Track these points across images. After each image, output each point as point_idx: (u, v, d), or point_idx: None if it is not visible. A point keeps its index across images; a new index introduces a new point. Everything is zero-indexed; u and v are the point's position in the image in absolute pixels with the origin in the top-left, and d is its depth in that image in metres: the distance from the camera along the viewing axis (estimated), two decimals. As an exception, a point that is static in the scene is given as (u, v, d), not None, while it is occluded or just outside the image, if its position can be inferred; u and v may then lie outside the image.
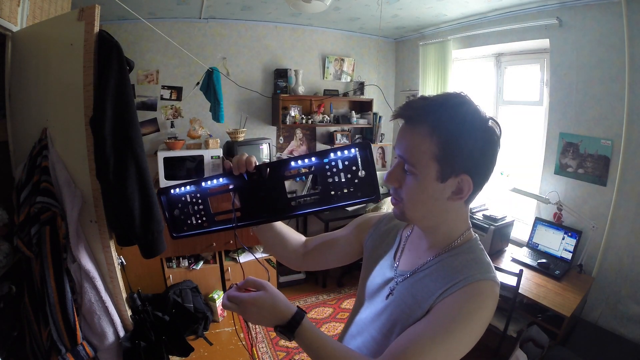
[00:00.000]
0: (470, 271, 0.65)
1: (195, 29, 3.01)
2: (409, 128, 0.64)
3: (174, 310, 2.52)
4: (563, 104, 2.33)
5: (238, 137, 2.93)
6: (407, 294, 0.70)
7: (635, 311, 1.99)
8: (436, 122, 0.62)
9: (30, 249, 1.33)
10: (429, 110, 0.63)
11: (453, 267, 0.67)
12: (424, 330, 0.62)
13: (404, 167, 0.65)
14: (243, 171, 0.76)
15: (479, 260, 0.68)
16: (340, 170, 0.71)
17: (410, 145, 0.64)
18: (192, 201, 0.84)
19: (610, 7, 2.01)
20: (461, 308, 0.61)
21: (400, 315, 0.69)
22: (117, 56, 1.37)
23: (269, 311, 0.62)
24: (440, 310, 0.63)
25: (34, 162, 1.41)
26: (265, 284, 0.64)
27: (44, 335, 1.36)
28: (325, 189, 0.73)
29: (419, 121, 0.63)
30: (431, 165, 0.63)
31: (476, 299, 0.62)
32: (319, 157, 0.72)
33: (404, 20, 3.01)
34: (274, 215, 0.79)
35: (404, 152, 0.64)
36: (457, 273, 0.65)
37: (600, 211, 2.16)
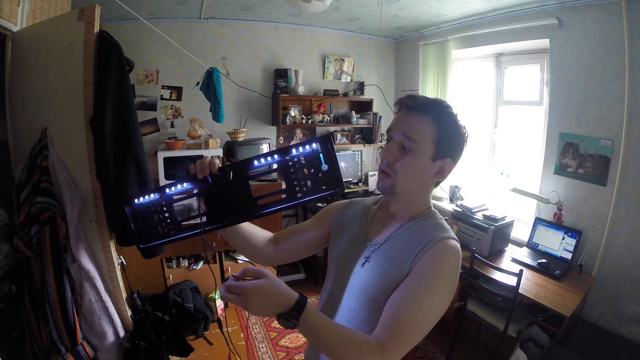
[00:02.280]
0: (436, 233, 0.77)
1: (195, 29, 3.01)
2: (415, 115, 0.77)
3: (174, 310, 2.52)
4: (563, 104, 2.33)
5: (238, 137, 2.93)
6: (384, 260, 0.79)
7: (635, 311, 1.99)
8: (437, 114, 0.76)
9: (30, 249, 1.33)
10: (433, 105, 0.77)
11: (421, 230, 0.79)
12: (409, 292, 0.71)
13: (402, 146, 0.77)
14: (207, 174, 0.76)
15: (441, 224, 0.81)
16: (303, 165, 0.72)
17: (415, 127, 0.76)
18: (156, 210, 0.81)
19: (610, 7, 2.01)
20: (435, 264, 0.72)
21: (379, 279, 0.77)
22: (117, 56, 1.37)
23: (272, 298, 0.60)
24: (418, 271, 0.73)
25: (34, 162, 1.41)
26: (265, 272, 0.63)
27: (44, 335, 1.36)
28: (290, 185, 0.73)
29: (424, 111, 0.76)
30: (429, 146, 0.76)
31: (446, 253, 0.74)
32: (281, 154, 0.72)
33: (404, 20, 3.01)
34: (241, 216, 0.78)
35: (408, 131, 0.76)
36: (426, 235, 0.77)
37: (600, 211, 2.16)
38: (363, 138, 3.74)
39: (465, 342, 2.53)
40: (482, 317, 2.20)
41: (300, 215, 3.61)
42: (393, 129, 0.79)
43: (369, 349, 0.65)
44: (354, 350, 0.64)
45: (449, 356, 2.37)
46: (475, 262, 2.16)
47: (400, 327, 0.67)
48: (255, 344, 2.58)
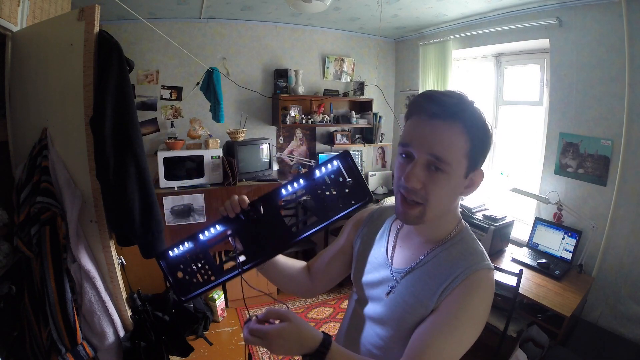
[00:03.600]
0: (467, 262, 0.68)
1: (195, 29, 3.01)
2: (442, 125, 0.62)
3: (174, 310, 2.51)
4: (563, 104, 2.33)
5: (238, 137, 2.93)
6: (408, 294, 0.71)
7: (635, 311, 1.99)
8: (469, 120, 0.63)
9: (30, 249, 1.33)
10: (462, 108, 0.64)
11: (449, 260, 0.69)
12: (435, 329, 0.65)
13: (428, 166, 0.64)
14: (238, 211, 0.73)
15: (472, 250, 0.70)
16: (329, 184, 0.72)
17: (446, 143, 0.62)
18: (193, 259, 0.79)
19: (610, 7, 2.01)
20: (465, 301, 0.65)
21: (403, 314, 0.71)
22: (117, 56, 1.37)
23: (295, 342, 0.59)
24: (446, 308, 0.66)
25: (34, 162, 1.41)
26: (288, 314, 0.61)
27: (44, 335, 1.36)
28: (320, 206, 0.73)
29: (453, 119, 0.63)
30: (463, 162, 0.64)
31: (477, 290, 0.65)
32: (306, 178, 0.72)
33: (404, 20, 3.01)
34: (277, 247, 0.76)
35: (438, 151, 0.62)
36: (454, 267, 0.68)
37: (600, 211, 2.15)
38: (363, 138, 3.74)
39: (465, 342, 2.52)
40: (482, 317, 2.19)
41: (300, 215, 3.61)
42: (413, 144, 0.64)
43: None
44: None
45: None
46: (475, 262, 2.15)
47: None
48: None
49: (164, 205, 2.59)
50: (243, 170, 2.88)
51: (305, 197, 0.76)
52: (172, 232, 2.67)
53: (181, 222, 2.69)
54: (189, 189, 2.68)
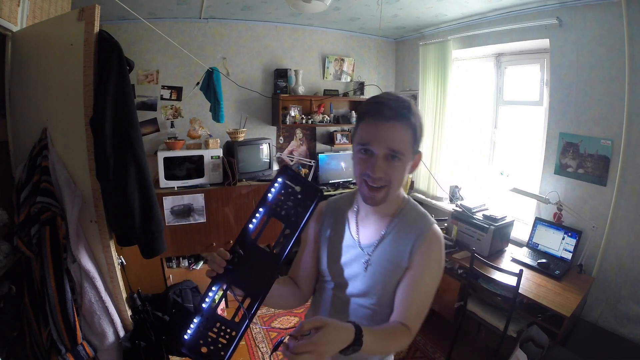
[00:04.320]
0: (421, 224, 0.88)
1: (195, 29, 3.01)
2: (397, 125, 0.78)
3: (174, 310, 2.51)
4: (563, 104, 2.33)
5: (238, 137, 2.93)
6: (385, 260, 0.88)
7: (635, 311, 1.99)
8: (413, 119, 0.80)
9: (30, 249, 1.33)
10: (407, 109, 0.79)
11: (407, 226, 0.88)
12: (416, 282, 0.85)
13: (386, 158, 0.79)
14: (224, 265, 0.77)
15: (422, 214, 0.91)
16: (284, 199, 0.78)
17: (399, 139, 0.79)
18: (207, 328, 0.80)
19: (610, 7, 2.01)
20: (431, 254, 0.86)
21: (384, 278, 0.87)
22: (117, 56, 1.37)
23: (339, 340, 0.65)
24: (418, 263, 0.85)
25: (34, 162, 1.41)
26: (321, 320, 0.65)
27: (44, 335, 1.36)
28: (287, 220, 0.79)
29: (403, 119, 0.79)
30: (410, 150, 0.81)
31: (436, 243, 0.87)
32: (263, 205, 0.78)
33: (404, 20, 3.01)
34: (272, 274, 0.79)
35: (394, 146, 0.78)
36: (413, 230, 0.87)
37: (600, 211, 2.15)
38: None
39: (465, 342, 2.52)
40: (482, 317, 2.20)
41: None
42: (373, 143, 0.78)
43: (402, 335, 0.80)
44: (396, 343, 0.80)
45: (449, 356, 2.37)
46: (475, 262, 2.16)
47: (417, 310, 0.84)
48: (255, 344, 2.58)
49: (164, 205, 2.59)
50: (243, 170, 2.88)
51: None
52: (172, 232, 2.67)
53: (181, 222, 2.69)
54: (189, 189, 2.68)
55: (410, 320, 0.82)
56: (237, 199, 2.82)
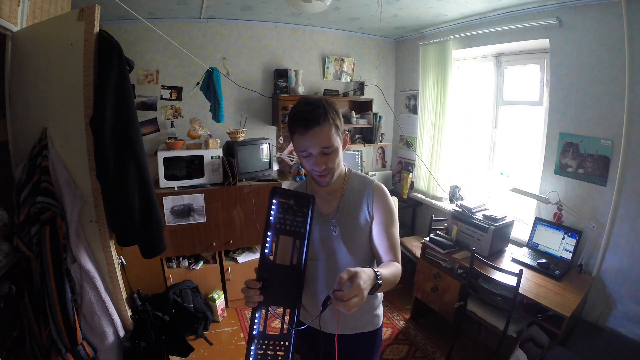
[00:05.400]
0: (366, 184, 1.14)
1: (195, 29, 3.01)
2: (318, 128, 0.97)
3: (174, 310, 2.52)
4: (563, 104, 2.33)
5: (238, 137, 2.93)
6: (349, 219, 1.11)
7: (635, 311, 1.99)
8: (328, 114, 0.99)
9: (30, 249, 1.33)
10: (324, 111, 0.98)
11: (356, 190, 1.13)
12: (388, 227, 1.10)
13: (322, 154, 1.00)
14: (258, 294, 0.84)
15: (363, 177, 1.18)
16: (283, 216, 0.86)
17: (325, 136, 0.98)
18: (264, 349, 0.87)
19: (610, 7, 2.01)
20: (385, 202, 1.12)
21: (355, 232, 1.11)
22: (117, 56, 1.37)
23: (370, 280, 0.81)
24: (380, 213, 1.11)
25: (34, 162, 1.40)
26: (350, 270, 0.79)
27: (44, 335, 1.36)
28: (293, 232, 0.87)
29: (323, 120, 0.97)
30: (336, 138, 1.01)
31: (384, 192, 1.14)
32: (269, 227, 0.86)
33: (404, 20, 3.01)
34: (299, 284, 0.87)
35: (324, 144, 0.99)
36: (362, 190, 1.13)
37: (600, 211, 2.15)
38: (363, 138, 3.74)
39: (465, 342, 2.53)
40: (482, 317, 2.20)
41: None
42: (308, 148, 0.99)
43: (397, 268, 1.01)
44: (396, 275, 0.99)
45: (449, 356, 2.37)
46: (475, 262, 2.16)
47: (395, 246, 1.09)
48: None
49: (164, 205, 2.59)
50: (243, 170, 2.88)
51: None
52: (172, 232, 2.67)
53: (181, 222, 2.69)
54: (189, 189, 2.68)
55: (394, 255, 1.07)
56: (237, 199, 2.82)
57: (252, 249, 3.09)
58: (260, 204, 2.89)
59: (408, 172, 3.68)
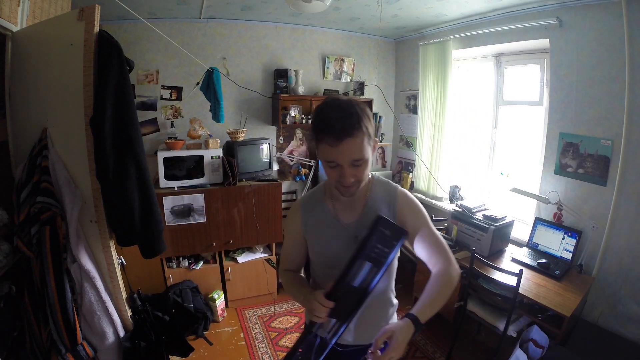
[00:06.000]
0: (389, 190, 1.05)
1: (195, 29, 3.01)
2: (350, 140, 0.85)
3: (174, 310, 2.52)
4: (563, 104, 2.33)
5: (238, 137, 2.93)
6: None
7: (635, 311, 1.99)
8: (362, 123, 0.86)
9: (30, 249, 1.33)
10: (357, 119, 0.86)
11: (380, 197, 1.04)
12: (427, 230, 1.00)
13: (351, 166, 0.89)
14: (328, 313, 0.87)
15: (385, 182, 1.08)
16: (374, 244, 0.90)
17: (357, 147, 0.87)
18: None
19: (610, 7, 2.00)
20: (412, 205, 1.04)
21: None
22: (117, 56, 1.37)
23: (408, 335, 0.80)
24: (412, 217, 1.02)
25: (34, 162, 1.41)
26: (387, 330, 0.80)
27: (44, 335, 1.36)
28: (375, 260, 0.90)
29: (359, 131, 0.86)
30: (368, 147, 0.90)
31: (406, 198, 1.05)
32: (362, 252, 0.89)
33: (404, 20, 3.01)
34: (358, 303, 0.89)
35: (355, 156, 0.87)
36: (386, 197, 1.04)
37: (600, 211, 2.15)
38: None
39: (465, 342, 2.53)
40: (482, 317, 2.20)
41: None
42: (338, 160, 0.87)
43: (446, 280, 0.92)
44: (445, 291, 0.90)
45: (449, 356, 2.37)
46: (475, 262, 2.16)
47: (440, 246, 0.98)
48: (255, 344, 2.58)
49: (164, 205, 2.59)
50: (243, 170, 2.88)
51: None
52: (172, 232, 2.67)
53: (181, 222, 2.69)
54: (189, 189, 2.68)
55: (441, 257, 0.97)
56: (237, 199, 2.82)
57: (252, 249, 3.09)
58: (261, 204, 2.89)
59: (408, 172, 3.68)
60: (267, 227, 2.96)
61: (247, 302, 3.05)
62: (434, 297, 0.90)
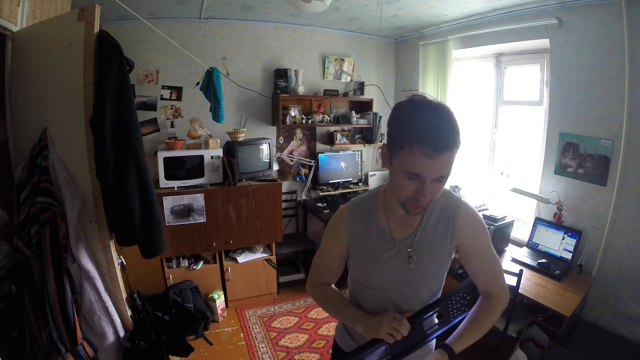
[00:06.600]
0: (449, 204, 0.93)
1: (195, 29, 3.00)
2: (448, 154, 0.74)
3: (174, 310, 2.52)
4: (563, 104, 2.33)
5: (238, 137, 2.93)
6: (427, 248, 0.92)
7: (635, 311, 1.99)
8: (459, 137, 0.75)
9: (30, 249, 1.33)
10: (457, 133, 0.75)
11: (438, 212, 0.93)
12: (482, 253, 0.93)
13: (435, 181, 0.77)
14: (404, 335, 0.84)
15: (447, 194, 0.94)
16: (459, 305, 0.95)
17: (450, 163, 0.76)
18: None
19: (610, 7, 2.01)
20: (473, 226, 0.92)
21: (432, 264, 0.93)
22: (117, 56, 1.37)
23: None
24: (471, 236, 0.92)
25: (34, 162, 1.41)
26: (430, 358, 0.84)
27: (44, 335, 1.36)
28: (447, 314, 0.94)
29: (455, 144, 0.75)
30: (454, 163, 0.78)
31: (473, 213, 0.93)
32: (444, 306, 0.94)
33: (404, 20, 3.01)
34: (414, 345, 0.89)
35: (444, 172, 0.76)
36: (446, 214, 0.92)
37: (600, 211, 2.15)
38: (363, 138, 3.74)
39: (465, 342, 2.52)
40: (482, 317, 2.19)
41: (300, 215, 3.61)
42: (424, 173, 0.75)
43: (490, 308, 0.93)
44: (488, 320, 0.92)
45: None
46: (475, 262, 2.16)
47: (495, 274, 0.95)
48: (255, 344, 2.58)
49: (164, 205, 2.59)
50: (243, 170, 2.88)
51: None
52: (172, 232, 2.67)
53: (181, 222, 2.69)
54: (189, 189, 2.68)
55: (491, 285, 0.93)
56: (237, 199, 2.82)
57: (252, 249, 3.09)
58: (261, 204, 2.89)
59: (408, 172, 3.67)
60: (267, 227, 2.96)
61: (247, 302, 3.05)
62: (475, 327, 0.88)
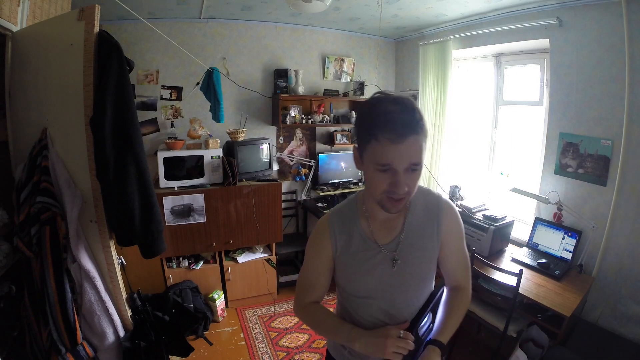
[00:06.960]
0: (431, 201, 0.93)
1: (195, 29, 3.00)
2: (414, 138, 0.73)
3: (174, 310, 2.52)
4: (563, 104, 2.33)
5: (238, 137, 2.93)
6: (413, 249, 0.91)
7: (635, 311, 1.99)
8: (424, 122, 0.76)
9: (30, 249, 1.33)
10: (422, 118, 0.75)
11: (421, 210, 0.92)
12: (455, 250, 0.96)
13: (407, 171, 0.76)
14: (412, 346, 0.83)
15: (426, 192, 0.95)
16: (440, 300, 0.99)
17: (418, 149, 0.75)
18: None
19: (610, 7, 2.00)
20: (453, 223, 0.94)
21: (419, 265, 0.92)
22: (117, 56, 1.37)
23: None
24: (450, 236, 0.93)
25: (34, 162, 1.41)
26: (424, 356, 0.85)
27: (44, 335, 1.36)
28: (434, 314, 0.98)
29: (422, 129, 0.75)
30: (424, 151, 0.77)
31: (451, 212, 0.94)
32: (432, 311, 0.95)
33: (404, 20, 3.01)
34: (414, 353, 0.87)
35: (415, 159, 0.75)
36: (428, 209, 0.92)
37: (600, 211, 2.15)
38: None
39: (465, 342, 2.53)
40: (482, 317, 2.20)
41: (300, 215, 3.61)
42: (394, 162, 0.74)
43: (463, 299, 0.99)
44: (460, 312, 0.97)
45: (449, 356, 2.37)
46: (475, 262, 2.16)
47: (467, 267, 1.01)
48: (255, 344, 2.58)
49: (164, 205, 2.59)
50: (243, 170, 2.88)
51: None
52: (172, 232, 2.67)
53: (181, 222, 2.69)
54: (189, 189, 2.68)
55: (463, 280, 1.00)
56: (237, 199, 2.82)
57: (252, 249, 3.09)
58: (261, 204, 2.89)
59: (408, 172, 3.68)
60: (267, 227, 2.96)
61: (247, 302, 3.05)
62: (453, 317, 0.93)
